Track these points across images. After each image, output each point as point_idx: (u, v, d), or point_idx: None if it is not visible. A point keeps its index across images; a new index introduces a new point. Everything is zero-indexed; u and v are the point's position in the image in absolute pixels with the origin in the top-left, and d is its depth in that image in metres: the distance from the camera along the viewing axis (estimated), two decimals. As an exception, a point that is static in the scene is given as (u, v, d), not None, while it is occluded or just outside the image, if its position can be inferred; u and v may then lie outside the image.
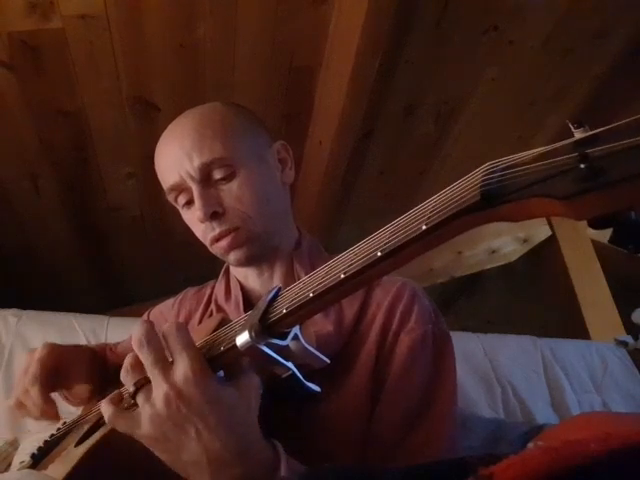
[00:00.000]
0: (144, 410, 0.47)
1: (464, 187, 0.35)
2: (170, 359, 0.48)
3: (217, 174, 0.69)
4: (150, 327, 0.49)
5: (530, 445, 0.30)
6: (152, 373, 0.47)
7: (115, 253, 1.88)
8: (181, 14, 1.22)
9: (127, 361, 0.50)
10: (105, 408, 0.50)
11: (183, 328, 0.49)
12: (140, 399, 0.48)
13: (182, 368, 0.46)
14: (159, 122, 1.42)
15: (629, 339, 1.93)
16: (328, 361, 0.49)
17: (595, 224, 0.30)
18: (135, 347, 0.48)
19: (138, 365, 0.49)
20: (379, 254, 0.39)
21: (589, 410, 1.58)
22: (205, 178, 0.69)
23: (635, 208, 0.29)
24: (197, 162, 0.68)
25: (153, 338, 0.48)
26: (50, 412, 0.69)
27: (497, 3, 1.41)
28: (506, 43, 1.53)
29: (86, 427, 0.65)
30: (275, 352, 0.45)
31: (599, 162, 0.28)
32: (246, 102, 0.86)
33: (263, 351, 0.44)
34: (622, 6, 1.53)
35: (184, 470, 0.49)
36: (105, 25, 1.19)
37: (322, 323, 0.69)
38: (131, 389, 0.48)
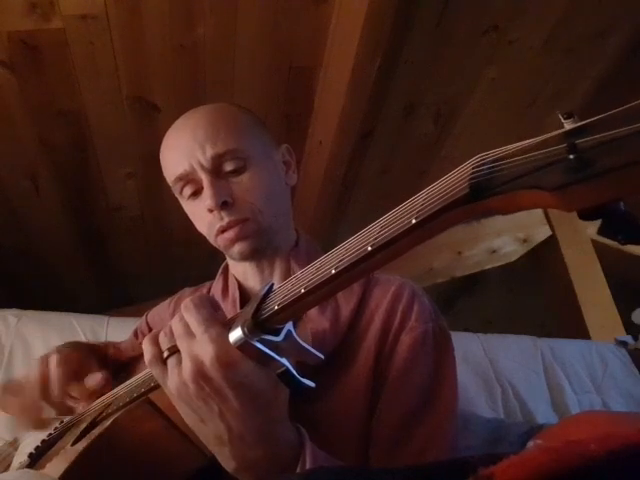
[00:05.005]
0: (172, 375, 0.47)
1: (454, 180, 0.35)
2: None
3: (228, 166, 0.70)
4: (201, 302, 0.49)
5: (530, 444, 0.30)
6: (180, 345, 0.47)
7: (115, 253, 1.88)
8: (181, 14, 1.22)
9: (167, 326, 0.50)
10: (149, 348, 0.50)
11: (202, 305, 0.48)
12: (170, 363, 0.48)
13: (205, 351, 0.45)
14: (159, 122, 1.42)
15: (629, 339, 1.93)
16: (322, 357, 0.49)
17: (585, 215, 0.30)
18: (177, 316, 0.49)
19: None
20: (369, 249, 0.39)
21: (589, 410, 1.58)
22: (216, 169, 0.70)
23: (624, 199, 0.29)
24: (210, 153, 0.68)
25: (192, 311, 0.48)
26: (67, 404, 0.68)
27: (497, 3, 1.41)
28: (506, 43, 1.53)
29: (83, 426, 0.65)
30: (268, 348, 0.45)
31: (588, 153, 0.28)
32: (246, 102, 0.86)
33: (256, 347, 0.44)
34: (622, 6, 1.53)
35: (206, 439, 0.50)
36: (105, 25, 1.19)
37: (318, 320, 0.69)
38: (165, 353, 0.49)
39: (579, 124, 0.30)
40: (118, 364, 0.83)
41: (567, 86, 1.80)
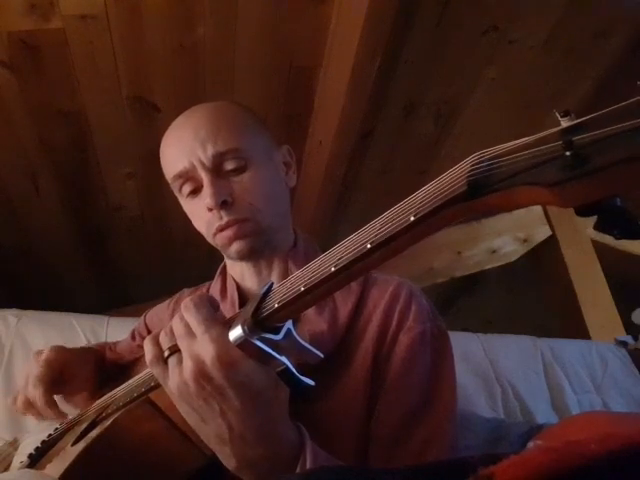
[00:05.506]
0: (173, 374, 0.48)
1: (452, 178, 0.36)
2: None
3: (229, 165, 0.70)
4: (201, 301, 0.49)
5: (530, 444, 0.30)
6: (181, 344, 0.48)
7: (115, 253, 1.88)
8: (181, 14, 1.22)
9: (168, 326, 0.50)
10: (149, 348, 0.51)
11: (202, 305, 0.48)
12: (171, 362, 0.48)
13: (205, 350, 0.45)
14: (159, 122, 1.42)
15: (629, 339, 1.93)
16: (322, 355, 0.49)
17: (582, 211, 0.31)
18: (178, 315, 0.49)
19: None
20: (369, 246, 0.39)
21: (589, 410, 1.58)
22: (217, 168, 0.69)
23: (620, 194, 0.30)
24: (211, 151, 0.68)
25: (191, 310, 0.48)
26: (52, 413, 0.69)
27: (497, 3, 1.41)
28: (506, 43, 1.53)
29: (83, 426, 0.65)
30: (269, 347, 0.45)
31: (584, 149, 0.29)
32: (246, 102, 0.86)
33: (256, 345, 0.44)
34: (622, 6, 1.53)
35: (207, 438, 0.50)
36: (105, 25, 1.19)
37: (316, 321, 0.69)
38: (166, 353, 0.49)
39: (575, 122, 0.30)
40: (116, 367, 0.83)
41: (567, 86, 1.80)
